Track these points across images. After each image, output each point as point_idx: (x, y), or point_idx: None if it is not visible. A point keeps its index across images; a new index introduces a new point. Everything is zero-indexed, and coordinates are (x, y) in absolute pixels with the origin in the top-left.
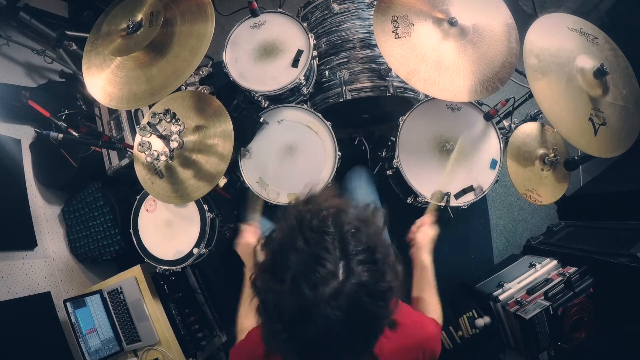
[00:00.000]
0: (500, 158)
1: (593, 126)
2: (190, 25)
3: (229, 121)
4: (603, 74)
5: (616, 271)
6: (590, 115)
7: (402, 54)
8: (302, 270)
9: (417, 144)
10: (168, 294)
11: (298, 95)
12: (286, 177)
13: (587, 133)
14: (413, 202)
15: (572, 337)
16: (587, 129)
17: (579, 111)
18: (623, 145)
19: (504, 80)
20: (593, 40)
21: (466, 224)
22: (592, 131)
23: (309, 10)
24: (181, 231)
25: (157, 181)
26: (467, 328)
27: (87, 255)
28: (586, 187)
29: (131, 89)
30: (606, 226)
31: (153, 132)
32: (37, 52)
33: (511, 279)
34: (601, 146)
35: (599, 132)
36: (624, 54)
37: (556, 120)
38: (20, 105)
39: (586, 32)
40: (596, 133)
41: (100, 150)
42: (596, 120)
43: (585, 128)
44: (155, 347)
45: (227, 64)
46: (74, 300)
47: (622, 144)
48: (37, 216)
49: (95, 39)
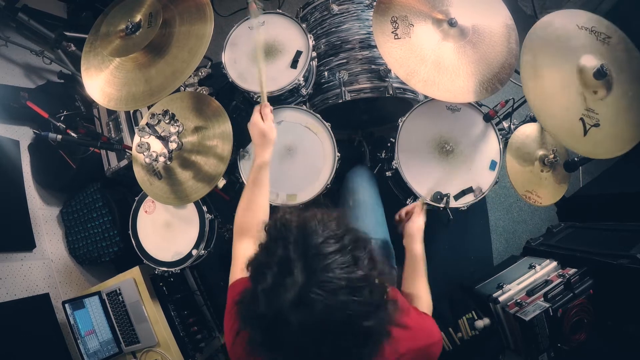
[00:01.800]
0: (499, 159)
1: (583, 126)
2: (189, 26)
3: (228, 122)
4: (603, 75)
5: (616, 272)
6: (582, 116)
7: (402, 55)
8: (267, 280)
9: (417, 145)
10: (167, 295)
11: (297, 96)
12: (285, 178)
13: (576, 132)
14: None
15: (571, 338)
16: (576, 128)
17: (570, 110)
18: (621, 148)
19: (504, 81)
20: (605, 39)
21: (466, 225)
22: (581, 131)
23: (308, 11)
24: (180, 232)
25: (155, 182)
26: (466, 329)
27: (86, 257)
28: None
29: (130, 90)
30: (606, 227)
31: (152, 133)
32: (36, 53)
33: (511, 281)
34: (591, 147)
35: (589, 133)
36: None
37: (545, 118)
38: (19, 106)
39: (598, 31)
40: (586, 133)
41: (99, 152)
42: (588, 120)
43: (575, 127)
44: (154, 349)
45: (226, 65)
46: (72, 301)
47: (620, 145)
48: (36, 217)
49: (94, 39)
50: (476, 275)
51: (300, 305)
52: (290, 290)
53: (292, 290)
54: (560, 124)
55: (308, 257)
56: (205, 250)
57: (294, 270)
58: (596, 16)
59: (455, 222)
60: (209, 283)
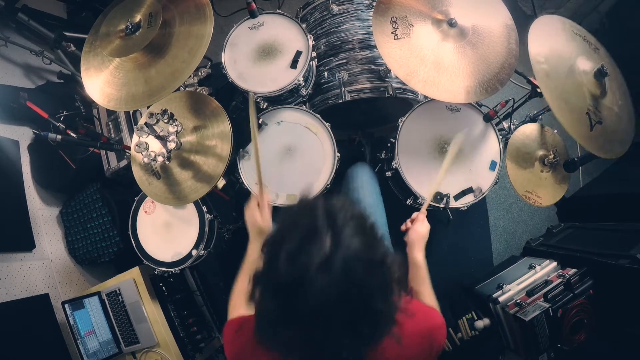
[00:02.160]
0: (499, 159)
1: (590, 121)
2: (188, 27)
3: (227, 122)
4: (603, 75)
5: (616, 273)
6: (588, 110)
7: (402, 55)
8: (293, 244)
9: (417, 146)
10: (167, 295)
11: (297, 97)
12: (285, 179)
13: (583, 125)
14: (412, 203)
15: (571, 339)
16: (584, 121)
17: (578, 103)
18: (613, 152)
19: (504, 81)
20: (595, 49)
21: (466, 225)
22: (588, 125)
23: (308, 11)
24: (180, 233)
25: (154, 182)
26: (466, 330)
27: (86, 257)
28: (586, 189)
29: (130, 90)
30: (606, 227)
31: (150, 133)
32: (36, 53)
33: (511, 281)
34: (595, 143)
35: (595, 129)
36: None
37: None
38: (19, 106)
39: (589, 41)
40: (592, 129)
41: (99, 152)
42: (593, 117)
43: (583, 120)
44: (153, 349)
45: (225, 65)
46: (72, 302)
47: (613, 149)
48: (36, 218)
49: (93, 40)
50: (476, 276)
51: (325, 271)
52: (316, 255)
53: (319, 256)
54: (569, 116)
55: (336, 229)
56: (205, 251)
57: (322, 237)
58: (584, 30)
59: (455, 222)
60: (208, 283)
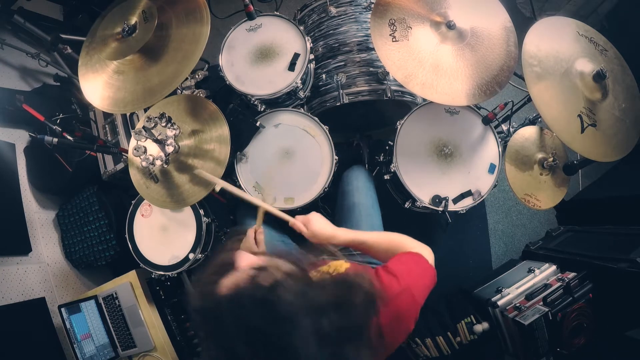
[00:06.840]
0: (498, 162)
1: (581, 123)
2: (185, 29)
3: (225, 125)
4: (602, 77)
5: (616, 276)
6: (580, 113)
7: (400, 58)
8: None
9: (415, 148)
10: (164, 299)
11: (295, 99)
12: (283, 182)
13: (572, 127)
14: (411, 206)
15: (571, 343)
16: (574, 123)
17: (570, 104)
18: (610, 155)
19: (503, 84)
20: (602, 51)
21: (464, 229)
22: (579, 128)
23: (306, 13)
24: (177, 236)
25: (152, 186)
26: (465, 334)
27: (82, 261)
28: (585, 192)
29: (126, 92)
30: (605, 231)
31: (148, 136)
32: (32, 56)
33: (510, 285)
34: (585, 146)
35: (586, 132)
36: (632, 74)
37: (544, 108)
38: (15, 109)
39: (596, 42)
40: (582, 131)
41: (95, 155)
42: (586, 119)
43: (572, 122)
44: (150, 353)
45: (223, 67)
46: (68, 305)
47: (610, 152)
48: (32, 221)
49: (90, 43)
50: (475, 279)
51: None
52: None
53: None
54: (558, 117)
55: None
56: (202, 254)
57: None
58: (594, 30)
59: (454, 225)
60: None
